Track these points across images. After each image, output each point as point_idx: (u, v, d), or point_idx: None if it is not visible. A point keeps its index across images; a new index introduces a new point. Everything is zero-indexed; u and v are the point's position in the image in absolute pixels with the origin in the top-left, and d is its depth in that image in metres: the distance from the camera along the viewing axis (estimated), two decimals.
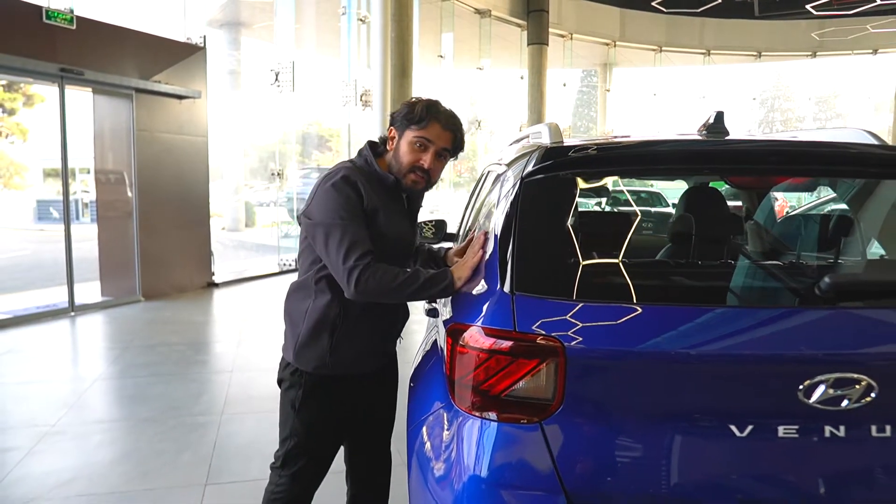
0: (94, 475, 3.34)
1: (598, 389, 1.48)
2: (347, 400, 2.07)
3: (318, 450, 2.09)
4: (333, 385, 2.03)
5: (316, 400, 2.03)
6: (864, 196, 2.34)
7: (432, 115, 1.97)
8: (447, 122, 1.99)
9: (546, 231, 1.69)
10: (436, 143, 1.97)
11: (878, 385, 1.41)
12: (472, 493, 1.47)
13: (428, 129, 1.96)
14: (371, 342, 2.06)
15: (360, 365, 2.06)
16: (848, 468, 1.45)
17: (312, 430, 2.05)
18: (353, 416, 2.13)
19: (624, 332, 1.48)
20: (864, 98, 34.58)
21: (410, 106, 2.01)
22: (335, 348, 1.98)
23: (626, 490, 1.44)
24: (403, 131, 2.00)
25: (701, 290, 1.84)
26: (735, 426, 1.43)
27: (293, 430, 2.06)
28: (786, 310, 1.56)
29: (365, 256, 1.82)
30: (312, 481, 2.13)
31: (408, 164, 1.98)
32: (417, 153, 1.97)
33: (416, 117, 1.96)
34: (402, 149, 1.99)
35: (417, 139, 1.97)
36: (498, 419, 1.49)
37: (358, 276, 1.80)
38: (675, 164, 1.86)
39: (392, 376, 2.28)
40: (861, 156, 1.81)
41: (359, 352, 2.03)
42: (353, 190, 1.90)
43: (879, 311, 1.52)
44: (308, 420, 2.04)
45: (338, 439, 2.15)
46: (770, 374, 1.44)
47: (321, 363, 1.99)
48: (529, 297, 1.54)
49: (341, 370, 2.02)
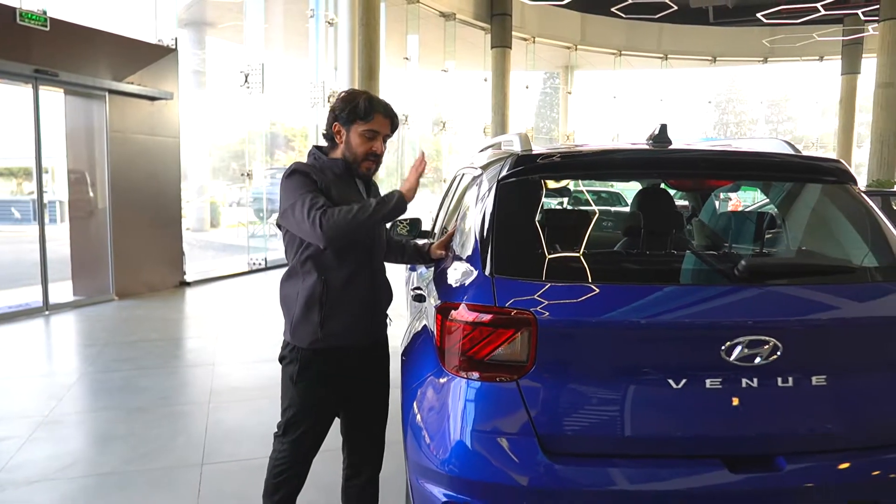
0: (94, 458, 3.56)
1: (564, 353, 1.81)
2: (340, 372, 2.32)
3: (315, 418, 2.36)
4: (327, 358, 2.29)
5: (311, 372, 2.29)
6: (792, 199, 2.74)
7: (374, 108, 2.26)
8: (386, 111, 2.30)
9: (519, 224, 2.03)
10: (381, 132, 2.28)
11: (782, 345, 1.77)
12: (462, 438, 1.79)
13: (374, 121, 2.25)
14: (356, 314, 2.29)
15: (350, 337, 2.30)
16: (760, 411, 1.81)
17: (309, 401, 2.33)
18: (347, 388, 2.40)
19: (584, 306, 1.82)
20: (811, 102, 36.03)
21: (350, 102, 2.26)
22: (324, 322, 2.23)
23: (586, 432, 1.78)
24: (350, 126, 2.26)
25: (647, 273, 2.21)
26: (672, 380, 1.78)
27: (292, 400, 2.34)
28: (711, 287, 1.93)
29: (321, 207, 2.09)
30: (311, 447, 2.41)
31: (363, 154, 2.27)
32: (369, 143, 2.27)
33: (361, 112, 2.24)
34: (354, 141, 2.26)
35: (366, 131, 2.25)
36: (481, 379, 1.82)
37: (320, 221, 2.05)
38: (625, 169, 2.22)
39: (384, 357, 2.54)
40: (775, 162, 2.19)
41: (346, 324, 2.27)
42: (303, 175, 2.20)
43: (784, 287, 1.90)
44: (305, 391, 2.31)
45: (332, 410, 2.42)
46: (699, 338, 1.80)
47: (314, 338, 2.25)
48: (506, 278, 1.87)
49: (333, 342, 2.27)
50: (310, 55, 14.18)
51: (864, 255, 2.14)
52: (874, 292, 1.97)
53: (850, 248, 2.23)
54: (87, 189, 8.22)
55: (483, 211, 2.07)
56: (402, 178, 18.72)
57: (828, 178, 2.27)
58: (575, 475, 1.75)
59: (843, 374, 1.86)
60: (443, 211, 3.87)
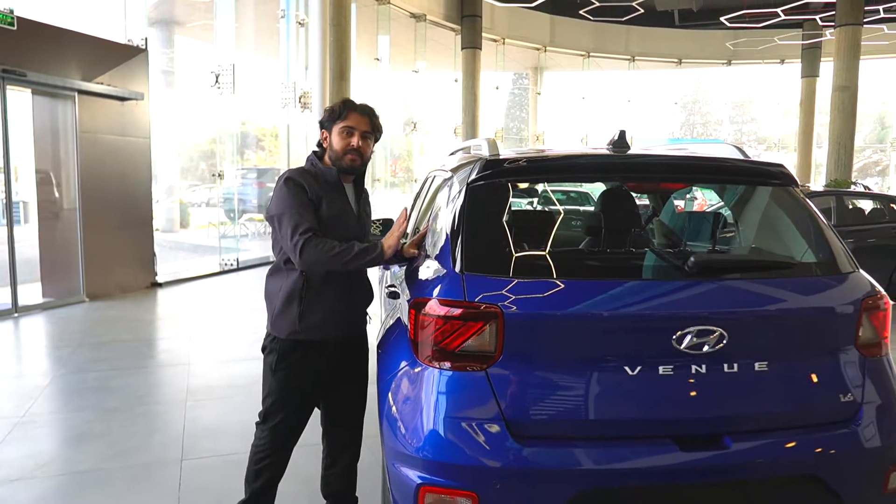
0: (71, 457, 3.61)
1: (529, 343, 1.96)
2: (317, 363, 2.47)
3: (293, 406, 2.50)
4: (304, 350, 2.44)
5: (289, 362, 2.45)
6: (742, 200, 2.94)
7: (349, 107, 2.48)
8: (362, 109, 2.51)
9: (487, 224, 2.17)
10: (358, 128, 2.46)
11: (728, 334, 1.95)
12: (435, 424, 1.92)
13: (348, 118, 2.46)
14: (333, 309, 2.44)
15: (327, 330, 2.45)
16: (708, 394, 1.98)
17: (286, 389, 2.47)
18: (324, 380, 2.53)
19: (548, 300, 1.97)
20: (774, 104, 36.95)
21: (331, 109, 2.51)
22: (303, 315, 2.39)
23: (551, 417, 1.92)
24: (331, 128, 2.48)
25: (607, 269, 2.37)
26: (628, 367, 1.94)
27: (271, 389, 2.49)
28: (664, 282, 2.09)
29: (307, 233, 2.27)
30: (289, 435, 2.54)
31: (341, 149, 2.45)
32: (346, 139, 2.45)
33: (337, 114, 2.47)
34: (334, 140, 2.47)
35: (343, 128, 2.45)
36: (452, 368, 1.95)
37: (301, 247, 2.25)
38: (585, 172, 2.38)
39: (363, 352, 2.68)
40: (724, 166, 2.37)
41: (324, 318, 2.42)
42: (296, 185, 2.37)
43: (729, 281, 2.07)
44: (283, 380, 2.46)
45: (310, 400, 2.55)
46: (652, 328, 1.96)
47: (293, 329, 2.41)
48: (475, 275, 2.01)
49: (310, 335, 2.42)
50: (280, 55, 14.18)
51: (804, 252, 2.32)
52: (811, 285, 2.16)
53: (792, 245, 2.41)
54: (57, 190, 8.15)
55: (453, 212, 2.20)
56: (373, 177, 18.82)
57: (773, 181, 2.46)
58: (540, 456, 1.89)
59: (783, 360, 2.04)
60: (415, 211, 3.99)
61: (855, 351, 2.11)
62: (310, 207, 2.35)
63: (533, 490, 1.87)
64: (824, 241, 2.28)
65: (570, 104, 26.47)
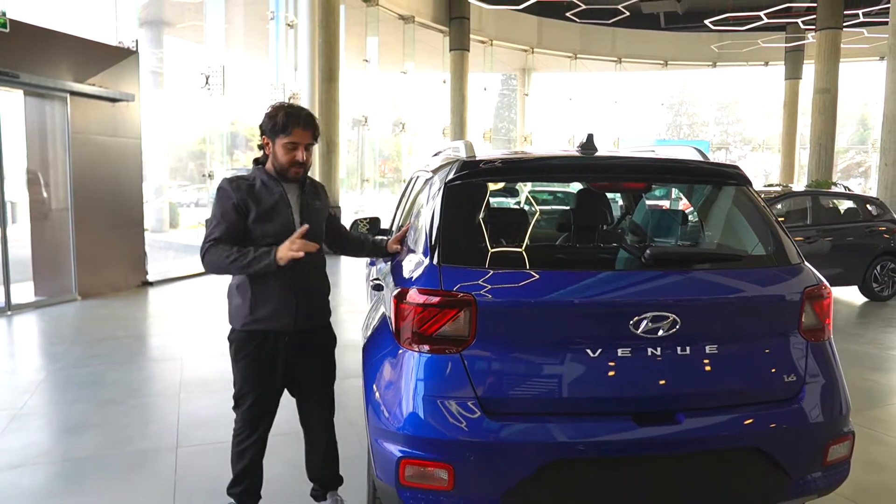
0: (70, 445, 3.76)
1: (500, 328, 2.14)
2: (273, 352, 2.62)
3: (256, 392, 2.66)
4: (259, 339, 2.61)
5: (246, 351, 2.63)
6: (704, 199, 3.15)
7: (292, 122, 2.50)
8: (306, 124, 2.53)
9: (463, 220, 2.36)
10: (302, 142, 2.53)
11: (680, 320, 2.14)
12: (414, 402, 2.10)
13: (293, 134, 2.51)
14: (279, 302, 2.57)
15: (277, 321, 2.58)
16: (662, 375, 2.17)
17: (247, 376, 2.65)
18: (282, 366, 2.66)
19: (517, 289, 2.16)
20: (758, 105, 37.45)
21: (271, 118, 2.51)
22: (253, 308, 2.57)
23: (519, 395, 2.11)
24: (274, 139, 2.53)
25: (573, 262, 2.57)
26: (589, 350, 2.13)
27: (236, 376, 2.69)
28: (624, 272, 2.29)
29: (211, 240, 2.48)
30: (260, 417, 2.71)
31: (287, 163, 2.53)
32: (291, 153, 2.53)
33: (280, 126, 2.49)
34: (278, 153, 2.53)
35: (287, 144, 2.51)
36: (430, 351, 2.13)
37: (203, 253, 2.49)
38: (554, 173, 2.57)
39: (326, 342, 2.81)
40: (684, 167, 2.57)
41: (271, 310, 2.57)
42: (224, 193, 2.52)
43: (682, 272, 2.27)
44: (243, 367, 2.65)
45: (273, 385, 2.69)
46: (612, 315, 2.15)
47: (246, 320, 2.60)
48: (452, 266, 2.19)
49: (261, 326, 2.59)
50: (270, 57, 14.32)
51: (755, 245, 2.53)
52: (759, 276, 2.36)
53: (745, 239, 2.62)
54: (49, 190, 8.26)
55: (433, 209, 2.39)
56: (362, 177, 18.98)
57: (729, 181, 2.67)
58: (510, 431, 2.08)
59: (732, 344, 2.24)
60: (400, 209, 4.18)
61: (799, 335, 2.32)
62: (231, 214, 2.50)
63: (503, 462, 2.06)
64: (774, 236, 2.49)
65: (557, 105, 26.76)
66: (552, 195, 16.06)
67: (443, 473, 2.06)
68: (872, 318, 7.82)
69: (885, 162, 9.99)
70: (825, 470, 2.28)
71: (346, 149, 17.56)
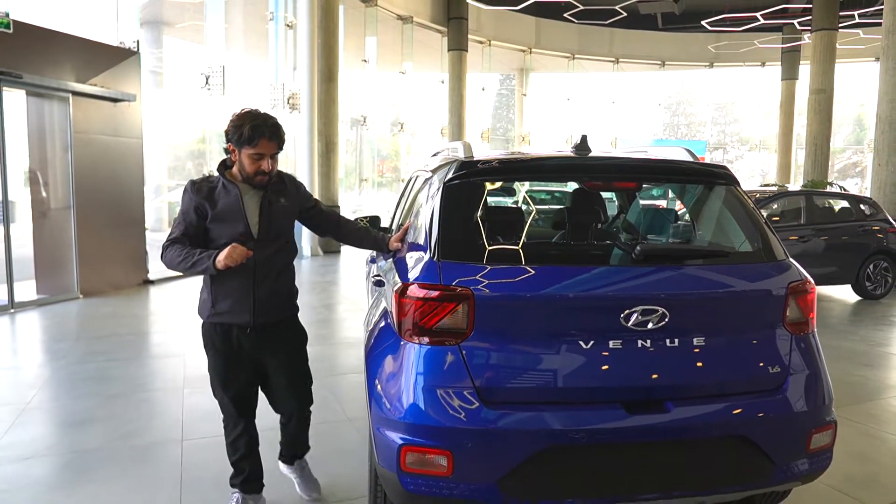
0: (79, 437, 3.85)
1: (497, 321, 2.24)
2: (236, 343, 2.75)
3: (227, 381, 2.81)
4: (223, 331, 2.76)
5: (212, 342, 2.80)
6: (695, 198, 3.25)
7: (258, 134, 2.57)
8: (271, 135, 2.60)
9: (461, 218, 2.46)
10: (267, 153, 2.62)
11: (669, 313, 2.24)
12: (415, 392, 2.20)
13: (258, 146, 2.59)
14: (237, 297, 2.70)
15: (237, 315, 2.71)
16: (652, 365, 2.27)
17: (214, 366, 2.82)
18: (247, 358, 2.79)
19: (513, 283, 2.26)
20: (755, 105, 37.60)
21: (238, 128, 2.58)
22: (215, 302, 2.73)
23: (515, 384, 2.21)
24: (240, 149, 2.62)
25: (567, 257, 2.67)
26: (583, 342, 2.23)
27: (208, 366, 2.86)
28: (615, 268, 2.39)
29: (169, 240, 2.67)
30: (237, 405, 2.84)
31: (253, 172, 2.64)
32: (257, 163, 2.63)
33: (246, 138, 2.57)
34: (245, 162, 2.63)
35: (253, 154, 2.61)
36: (430, 343, 2.23)
37: (161, 252, 2.68)
38: (549, 173, 2.67)
39: (291, 335, 2.93)
40: (674, 168, 2.67)
41: (230, 304, 2.70)
42: (185, 195, 2.69)
43: (671, 268, 2.37)
44: (212, 358, 2.83)
45: (238, 375, 2.80)
46: (604, 308, 2.25)
47: (209, 313, 2.76)
48: (451, 262, 2.29)
49: (223, 319, 2.74)
50: (269, 57, 14.39)
51: (742, 242, 2.63)
52: (745, 271, 2.46)
53: (733, 236, 2.72)
54: (51, 189, 8.35)
55: (432, 207, 2.49)
56: (361, 177, 19.07)
57: (718, 181, 2.77)
58: (506, 419, 2.17)
59: (718, 336, 2.34)
60: (400, 208, 4.27)
61: (783, 328, 2.42)
62: (190, 215, 2.66)
63: (499, 448, 2.16)
64: (760, 234, 2.59)
65: (555, 105, 26.86)
66: (548, 194, 16.23)
67: (442, 460, 2.16)
68: (864, 315, 7.93)
69: (879, 162, 10.10)
70: (808, 457, 2.38)
71: (345, 148, 17.65)
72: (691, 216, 3.23)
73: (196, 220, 2.66)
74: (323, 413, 4.25)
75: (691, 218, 3.24)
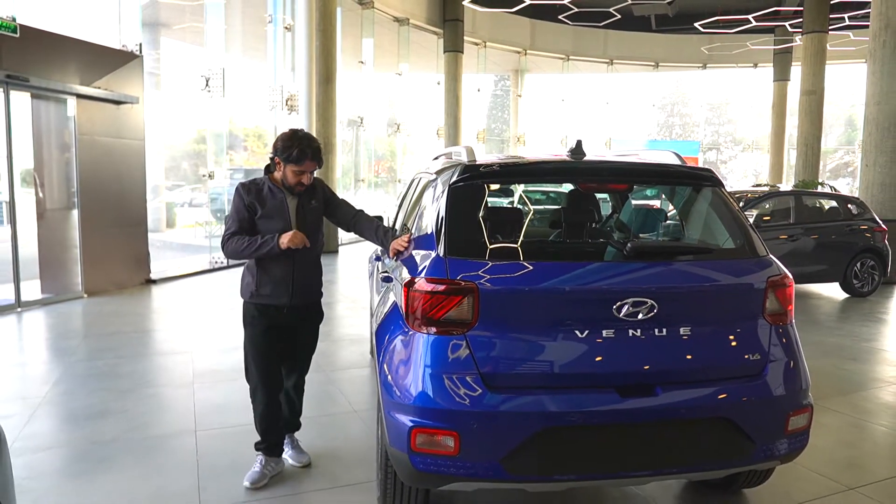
0: (95, 429, 4.01)
1: (500, 312, 2.43)
2: (273, 322, 3.24)
3: (259, 355, 3.27)
4: (262, 311, 3.23)
5: (252, 318, 3.27)
6: (683, 199, 3.44)
7: (305, 156, 3.06)
8: (314, 156, 3.09)
9: (466, 218, 2.64)
10: (308, 170, 3.14)
11: (657, 305, 2.43)
12: (424, 377, 2.38)
13: (303, 164, 3.09)
14: (276, 282, 3.19)
15: (277, 297, 3.20)
16: (642, 353, 2.46)
17: (251, 340, 3.28)
18: (278, 336, 3.27)
19: (515, 278, 2.44)
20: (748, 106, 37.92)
21: (287, 148, 3.05)
22: (259, 286, 3.20)
23: (516, 370, 2.40)
24: (286, 165, 3.09)
25: (564, 254, 2.86)
26: (578, 331, 2.42)
27: (244, 341, 3.34)
28: (608, 263, 2.58)
29: (229, 233, 3.15)
30: (265, 378, 3.28)
31: (294, 183, 3.14)
32: (299, 177, 3.14)
33: (294, 158, 3.05)
34: (288, 175, 3.12)
35: (297, 171, 3.10)
36: (437, 333, 2.42)
37: (223, 243, 3.17)
38: (547, 176, 2.86)
39: (315, 317, 3.44)
40: (662, 171, 2.87)
41: (273, 287, 3.19)
42: (238, 194, 3.19)
43: (659, 263, 2.56)
44: (249, 333, 3.30)
45: (270, 349, 3.27)
46: (598, 299, 2.44)
47: (252, 295, 3.23)
48: (457, 258, 2.48)
49: (263, 300, 3.22)
50: (268, 59, 14.54)
51: (726, 240, 2.82)
52: (727, 266, 2.66)
53: (717, 234, 2.91)
54: (56, 190, 8.50)
55: (438, 208, 2.67)
56: (357, 177, 19.23)
57: (704, 183, 2.96)
58: (508, 402, 2.36)
59: (703, 326, 2.53)
60: (403, 209, 4.45)
61: (763, 319, 2.61)
62: (243, 212, 3.16)
63: (502, 430, 2.34)
64: (742, 232, 2.78)
65: (550, 106, 27.06)
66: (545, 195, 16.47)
67: (449, 441, 2.34)
68: (851, 312, 8.15)
69: (867, 163, 10.33)
70: (786, 438, 2.58)
71: (342, 149, 17.79)
72: (680, 216, 3.43)
73: (247, 216, 3.17)
74: (330, 407, 4.44)
75: (680, 217, 3.43)
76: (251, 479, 3.24)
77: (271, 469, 3.31)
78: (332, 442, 3.84)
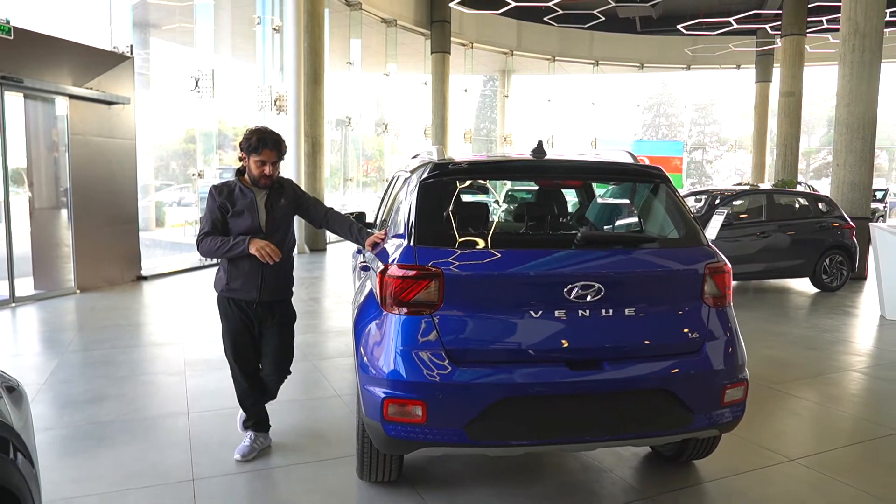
0: (94, 412, 4.26)
1: (462, 295, 2.71)
2: (244, 314, 3.46)
3: (233, 344, 3.51)
4: (234, 304, 3.47)
5: (224, 311, 3.51)
6: (637, 194, 3.74)
7: (262, 144, 3.28)
8: (272, 145, 3.31)
9: (435, 211, 2.93)
10: (269, 160, 3.33)
11: (604, 288, 2.73)
12: (395, 354, 2.67)
13: (262, 154, 3.30)
14: (245, 278, 3.40)
15: (246, 292, 3.42)
16: (590, 331, 2.75)
17: (225, 331, 3.53)
18: (249, 329, 3.49)
19: (477, 264, 2.73)
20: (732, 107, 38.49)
21: (248, 139, 3.30)
22: (229, 280, 3.43)
23: (478, 346, 2.68)
24: (249, 156, 3.32)
25: (523, 243, 3.16)
26: (533, 312, 2.71)
27: (221, 332, 3.58)
28: (561, 251, 2.87)
29: (203, 233, 3.37)
30: (243, 362, 3.54)
31: (258, 175, 3.35)
32: (261, 168, 3.33)
33: (253, 147, 3.28)
34: (252, 167, 3.34)
35: (258, 161, 3.31)
36: (407, 314, 2.70)
37: (197, 242, 3.39)
38: (509, 173, 3.15)
39: (284, 311, 3.58)
40: (615, 168, 3.17)
41: (243, 282, 3.40)
42: (210, 197, 3.39)
43: (606, 250, 2.86)
44: (223, 324, 3.54)
45: (243, 339, 3.50)
46: (550, 284, 2.73)
47: (224, 288, 3.46)
48: (425, 247, 2.76)
49: (235, 294, 3.44)
50: (257, 60, 14.76)
51: (670, 230, 3.12)
52: (669, 254, 2.96)
53: (664, 225, 3.21)
54: (49, 188, 8.71)
55: (410, 202, 2.96)
56: (346, 176, 19.48)
57: (654, 179, 3.26)
58: (470, 375, 2.64)
59: (647, 307, 2.83)
60: (384, 205, 4.74)
61: (701, 302, 2.91)
62: (215, 213, 3.36)
63: (465, 399, 2.62)
64: (686, 223, 3.08)
65: (537, 106, 27.40)
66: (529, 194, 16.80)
67: (418, 410, 2.62)
68: (819, 306, 8.51)
69: (837, 163, 10.70)
70: (723, 409, 2.87)
71: (330, 149, 18.03)
72: (637, 209, 3.72)
73: (220, 216, 3.38)
74: (315, 391, 4.72)
75: (637, 211, 3.73)
76: (241, 452, 3.51)
77: (260, 444, 3.60)
78: (317, 423, 4.12)
